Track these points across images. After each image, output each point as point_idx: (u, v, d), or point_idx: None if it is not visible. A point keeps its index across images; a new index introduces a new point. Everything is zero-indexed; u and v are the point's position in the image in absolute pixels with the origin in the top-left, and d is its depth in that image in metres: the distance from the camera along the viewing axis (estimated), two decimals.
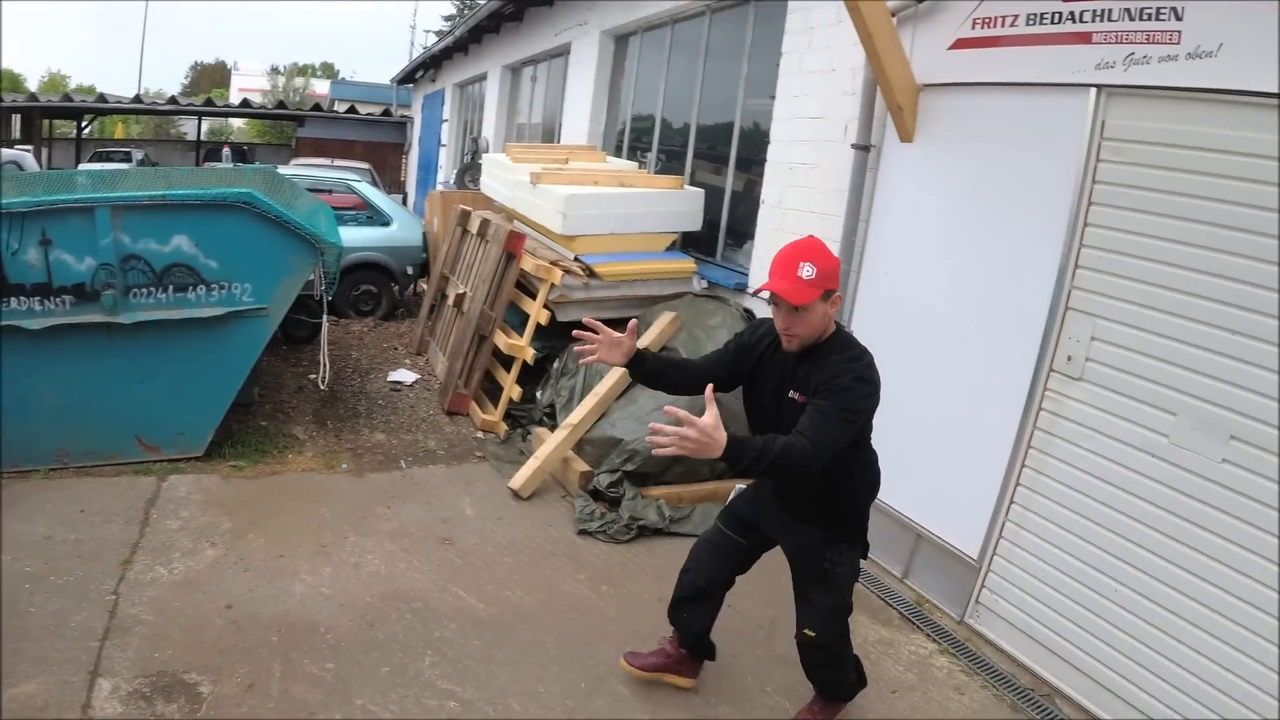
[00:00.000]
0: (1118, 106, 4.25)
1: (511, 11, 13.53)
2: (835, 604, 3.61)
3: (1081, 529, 4.33)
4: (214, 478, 5.82)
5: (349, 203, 11.74)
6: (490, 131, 16.39)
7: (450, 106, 21.10)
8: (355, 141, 27.73)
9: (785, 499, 3.59)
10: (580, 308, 7.15)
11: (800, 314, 3.18)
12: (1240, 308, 3.70)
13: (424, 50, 24.23)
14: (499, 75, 16.07)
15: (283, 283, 5.97)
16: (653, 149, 9.76)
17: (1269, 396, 3.59)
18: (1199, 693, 3.79)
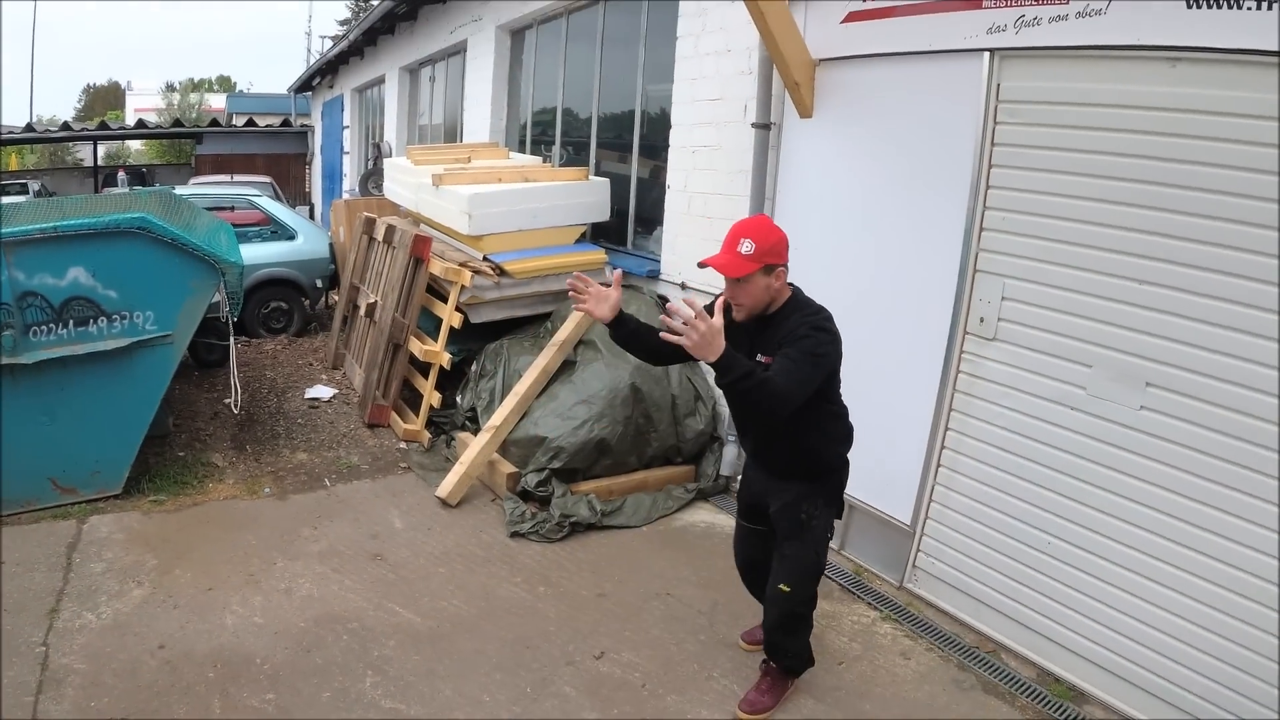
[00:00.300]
0: (1011, 69, 4.31)
1: (405, 11, 13.34)
2: (809, 559, 3.73)
3: (1009, 486, 4.40)
4: (135, 514, 5.65)
5: (251, 219, 11.52)
6: (392, 135, 16.16)
7: (350, 112, 20.74)
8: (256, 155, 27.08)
9: (764, 458, 3.78)
10: (493, 307, 7.08)
11: (741, 285, 3.42)
12: (1146, 257, 3.79)
13: (320, 56, 23.79)
14: (397, 77, 15.84)
15: (185, 307, 5.79)
16: (556, 142, 9.70)
17: (1182, 341, 3.68)
18: (1138, 633, 3.89)
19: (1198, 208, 3.60)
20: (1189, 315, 3.65)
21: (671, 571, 5.14)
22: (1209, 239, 3.57)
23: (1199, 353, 3.63)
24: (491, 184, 7.51)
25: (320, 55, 23.62)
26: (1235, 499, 3.55)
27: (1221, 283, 3.54)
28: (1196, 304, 3.63)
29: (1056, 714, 3.97)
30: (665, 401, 6.15)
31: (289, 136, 28.14)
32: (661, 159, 7.22)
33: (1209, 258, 3.58)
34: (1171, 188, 3.69)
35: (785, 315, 3.48)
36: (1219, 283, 3.55)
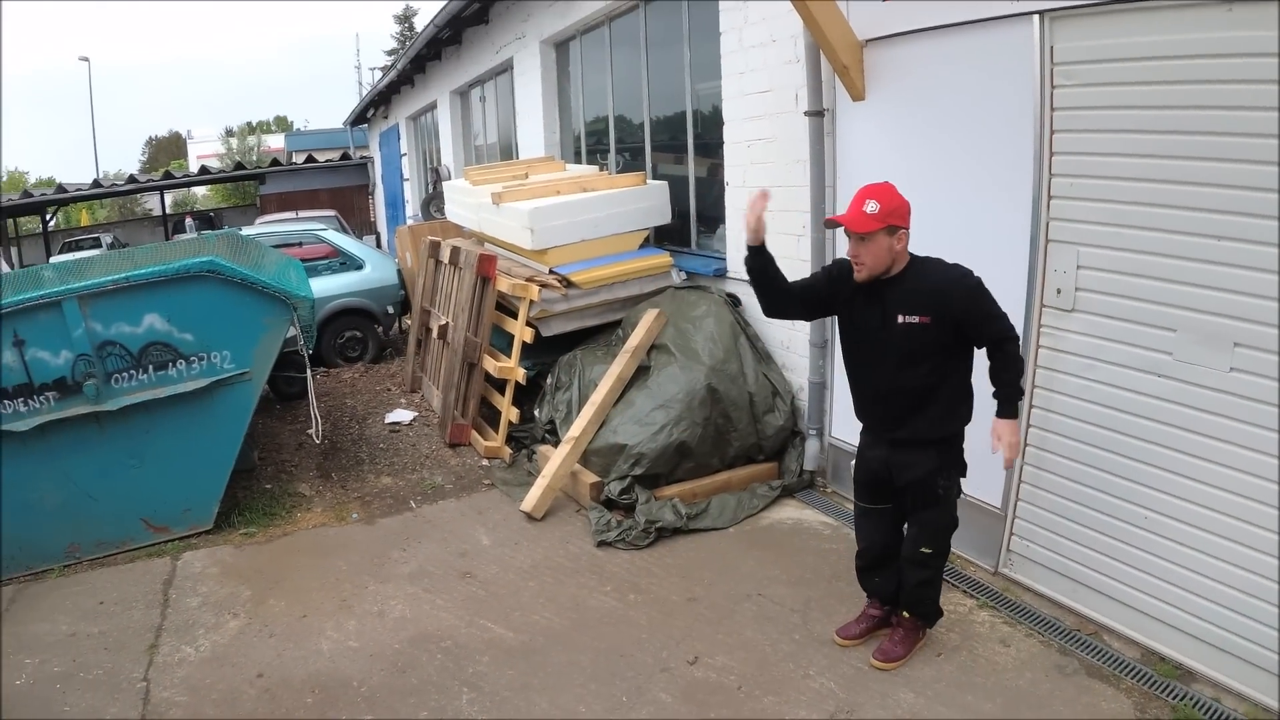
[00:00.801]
0: (1063, 29, 4.19)
1: (449, 36, 13.46)
2: (947, 521, 4.04)
3: (1099, 460, 4.27)
4: (227, 548, 5.77)
5: (320, 252, 11.73)
6: (449, 158, 16.32)
7: (406, 140, 21.02)
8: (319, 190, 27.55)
9: (907, 426, 3.91)
10: (563, 319, 7.12)
11: (865, 242, 3.69)
12: (1224, 212, 3.64)
13: (371, 88, 24.15)
14: (448, 101, 16.00)
15: (261, 344, 5.92)
16: (611, 150, 9.70)
17: (1268, 297, 3.52)
18: (1243, 606, 3.72)
19: (1266, 155, 3.46)
20: (1272, 269, 3.49)
21: (761, 571, 5.10)
22: None
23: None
24: (550, 197, 7.54)
25: (371, 87, 23.97)
26: None
27: None
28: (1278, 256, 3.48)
29: (1164, 694, 3.83)
30: (743, 400, 6.11)
31: (349, 169, 28.57)
32: (718, 156, 7.17)
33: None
34: (1239, 136, 3.55)
35: (920, 275, 3.77)
36: None
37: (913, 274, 3.77)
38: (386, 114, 23.36)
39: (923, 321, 3.72)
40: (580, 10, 9.37)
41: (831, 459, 6.15)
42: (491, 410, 7.50)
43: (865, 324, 3.87)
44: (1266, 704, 3.65)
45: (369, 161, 27.94)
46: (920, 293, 3.73)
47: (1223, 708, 3.72)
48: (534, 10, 10.57)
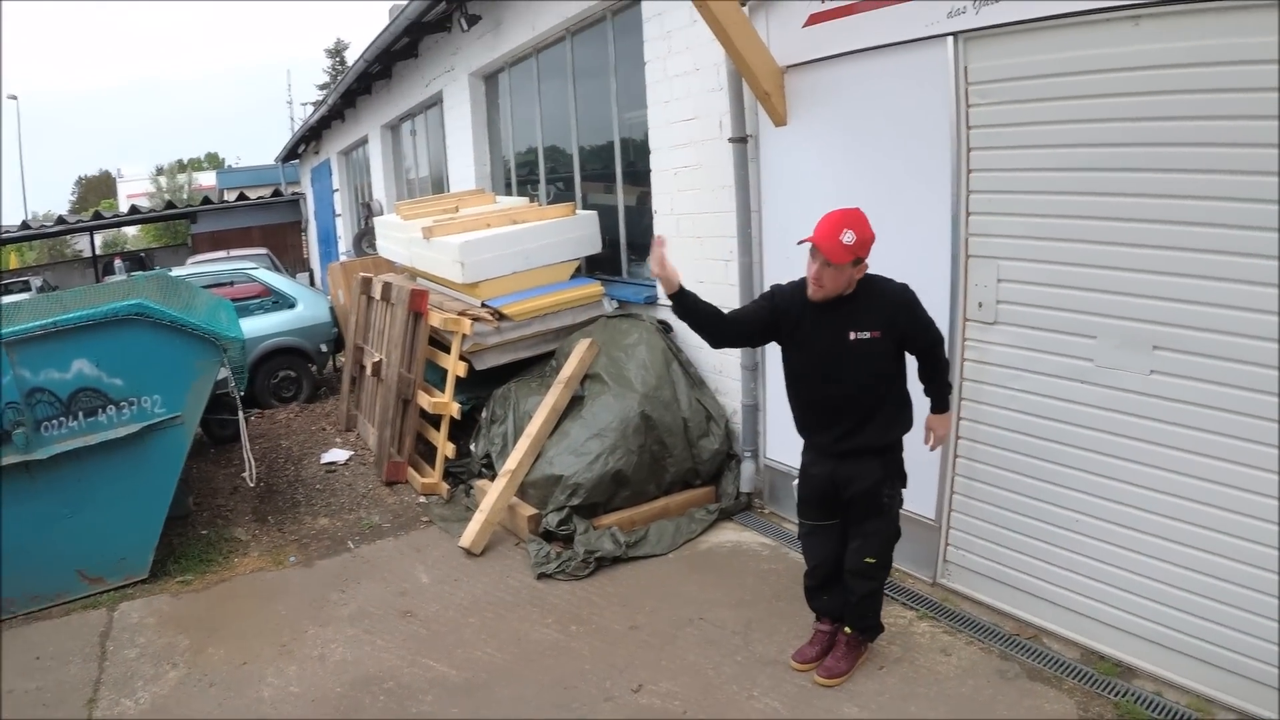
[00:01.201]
0: (976, 50, 4.32)
1: (379, 70, 13.44)
2: (890, 531, 4.14)
3: (1029, 468, 4.37)
4: (164, 597, 5.64)
5: (251, 291, 11.61)
6: (381, 193, 16.25)
7: (338, 175, 20.90)
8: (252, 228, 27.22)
9: (851, 440, 4.00)
10: (496, 352, 7.10)
11: (832, 270, 3.76)
12: (1136, 220, 3.78)
13: (302, 124, 23.98)
14: (379, 135, 15.96)
15: (192, 387, 5.83)
16: (541, 181, 9.73)
17: (1183, 300, 3.66)
18: (1176, 600, 3.84)
19: (1178, 163, 3.60)
20: (1187, 273, 3.63)
21: (702, 595, 5.10)
22: (1195, 193, 3.56)
23: (1202, 309, 3.61)
24: (481, 230, 7.54)
25: (303, 122, 23.80)
26: (1257, 452, 3.51)
27: (1215, 235, 3.53)
28: (1193, 260, 3.61)
29: (1106, 692, 3.91)
30: (677, 426, 6.13)
31: (281, 206, 28.30)
32: (646, 184, 7.23)
33: (1198, 212, 3.56)
34: (1149, 146, 3.69)
35: (868, 293, 3.90)
36: (1213, 236, 3.53)
37: (863, 291, 3.90)
38: (318, 149, 23.21)
39: (874, 336, 3.86)
40: (507, 43, 9.41)
41: (768, 480, 6.19)
42: (428, 446, 7.44)
43: (816, 343, 3.95)
44: (1208, 695, 3.77)
45: (301, 198, 27.71)
46: (870, 309, 3.88)
47: (1165, 701, 3.81)
48: (462, 43, 10.60)
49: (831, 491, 4.09)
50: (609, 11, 7.67)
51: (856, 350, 3.87)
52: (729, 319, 4.08)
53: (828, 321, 3.90)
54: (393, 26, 10.81)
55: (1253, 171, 3.38)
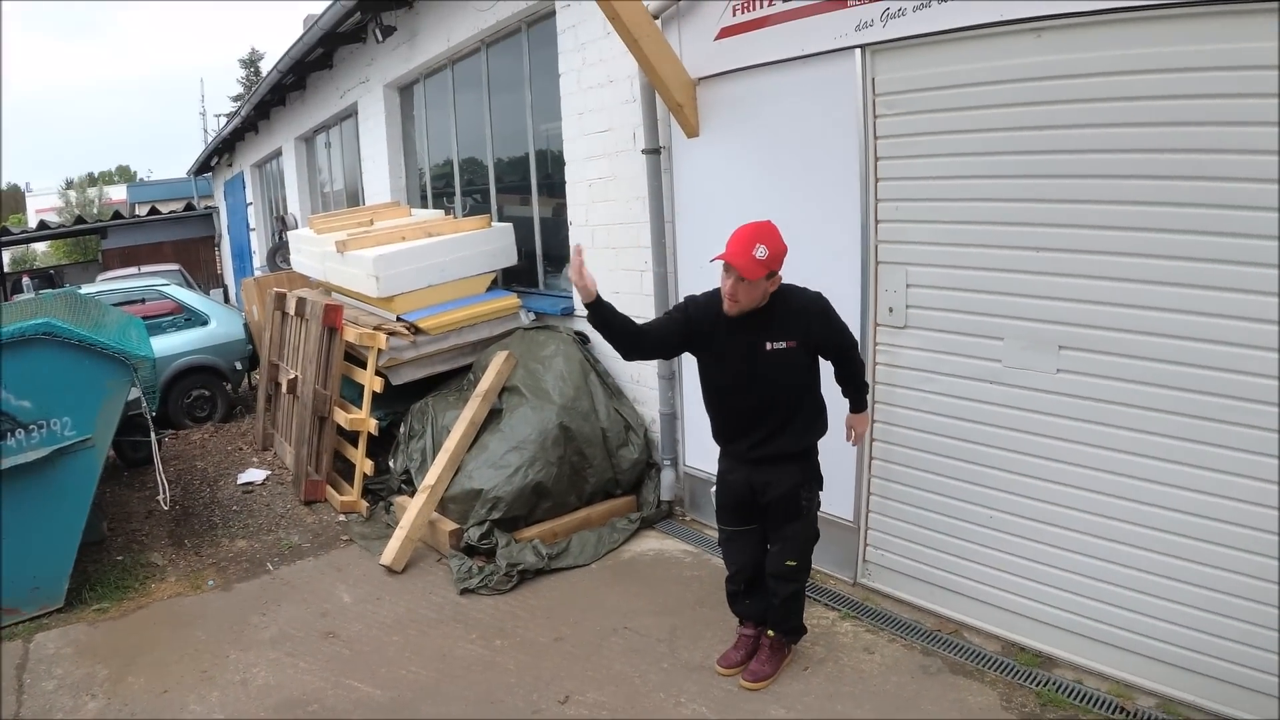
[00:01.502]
0: (884, 62, 4.42)
1: (293, 82, 13.27)
2: (809, 534, 4.18)
3: (942, 467, 4.48)
4: (80, 626, 5.47)
5: (163, 309, 11.35)
6: (295, 206, 16.02)
7: (252, 188, 20.56)
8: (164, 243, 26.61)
9: (769, 445, 4.03)
10: (413, 367, 7.04)
11: (746, 285, 3.76)
12: (1040, 224, 3.91)
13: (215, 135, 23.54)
14: (293, 148, 15.74)
15: (103, 408, 5.66)
16: (457, 193, 9.69)
17: (1086, 300, 3.80)
18: (1091, 590, 3.98)
19: (1078, 169, 3.73)
20: (1089, 274, 3.77)
21: (626, 604, 5.12)
22: (1094, 197, 3.70)
23: (1103, 309, 3.75)
24: (396, 243, 7.47)
25: (215, 134, 23.37)
26: (1159, 444, 3.67)
27: (1113, 237, 3.67)
28: (1093, 261, 3.75)
29: (1027, 682, 4.03)
30: (596, 436, 6.15)
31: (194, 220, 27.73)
32: (562, 196, 7.24)
33: (1097, 215, 3.71)
34: (1048, 154, 3.82)
35: (784, 303, 3.93)
36: (1111, 238, 3.68)
37: (778, 302, 3.92)
38: (231, 162, 22.81)
39: (789, 346, 3.90)
40: (423, 53, 9.37)
41: (688, 487, 6.23)
42: (346, 464, 7.34)
43: (732, 354, 3.96)
44: (1128, 680, 3.91)
45: (214, 212, 27.21)
46: (785, 319, 3.91)
47: (1086, 688, 3.94)
48: (378, 54, 10.52)
49: (749, 497, 4.13)
50: (524, 23, 7.67)
51: (771, 360, 3.90)
52: (643, 331, 4.07)
53: (742, 332, 3.92)
54: (307, 37, 10.67)
55: (1150, 176, 3.53)
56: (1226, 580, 3.55)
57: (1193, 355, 3.53)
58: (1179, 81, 3.40)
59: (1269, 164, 3.23)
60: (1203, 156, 3.39)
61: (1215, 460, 3.53)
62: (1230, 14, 3.25)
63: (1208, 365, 3.49)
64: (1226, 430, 3.48)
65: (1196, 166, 3.41)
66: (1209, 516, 3.57)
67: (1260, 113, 3.22)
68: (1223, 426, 3.49)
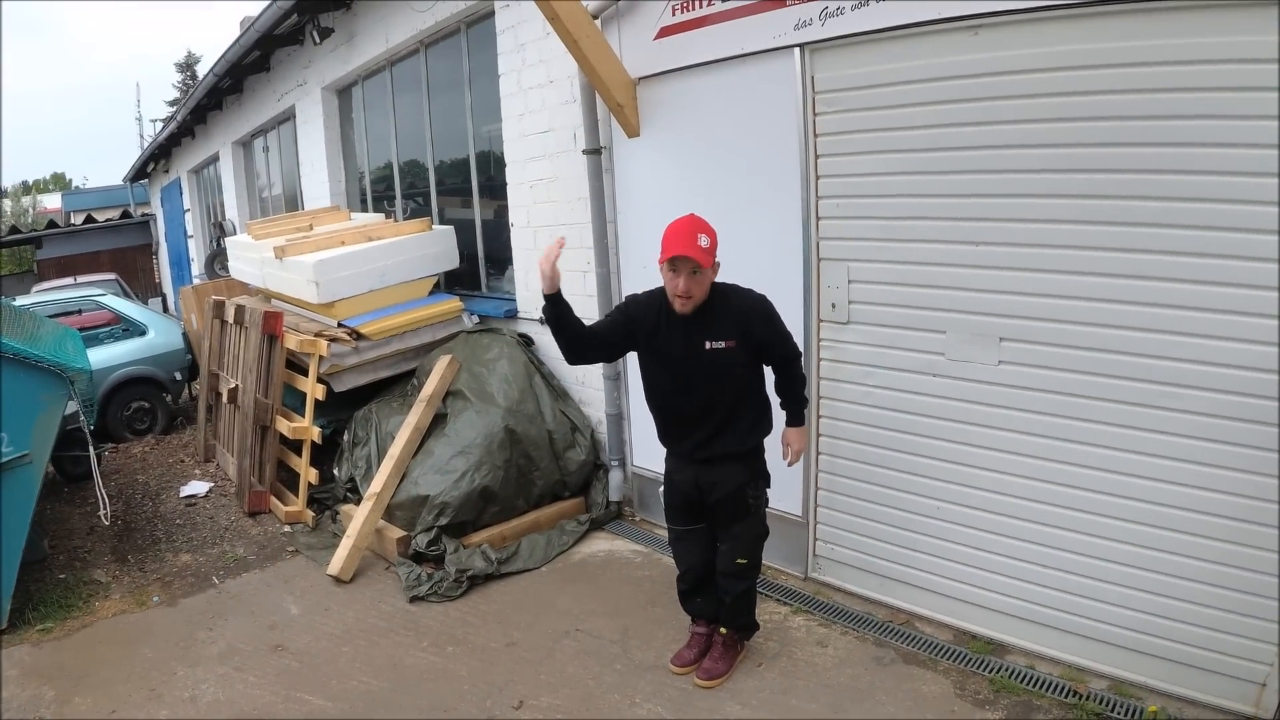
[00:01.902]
0: (822, 60, 4.45)
1: (230, 85, 13.07)
2: (758, 531, 4.20)
3: (889, 460, 4.53)
4: (24, 647, 5.34)
5: (100, 319, 11.13)
6: (234, 212, 15.77)
7: (189, 194, 20.21)
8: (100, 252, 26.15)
9: (714, 445, 4.03)
10: (355, 373, 6.97)
11: (699, 276, 3.77)
12: (977, 219, 3.96)
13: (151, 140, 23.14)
14: (230, 152, 15.49)
15: (39, 422, 5.54)
16: (398, 196, 9.60)
17: (1025, 293, 3.86)
18: (1040, 577, 4.05)
19: (1014, 164, 3.79)
20: (1028, 267, 3.82)
21: (578, 607, 5.11)
22: (1029, 191, 3.76)
23: (1042, 300, 3.81)
24: (336, 249, 7.39)
25: (151, 140, 22.98)
26: (1100, 431, 3.74)
27: (1048, 230, 3.73)
28: (1031, 254, 3.80)
29: (980, 669, 4.08)
30: (542, 439, 6.13)
31: (131, 228, 27.26)
32: (503, 198, 7.20)
33: (1032, 209, 3.77)
34: (987, 149, 3.86)
35: (723, 302, 3.91)
36: (1046, 231, 3.74)
37: (718, 300, 3.90)
38: (168, 168, 22.44)
39: (729, 346, 3.87)
40: (361, 54, 9.27)
41: (636, 488, 6.24)
42: (290, 473, 7.25)
43: (671, 353, 3.94)
44: (1079, 664, 3.98)
45: (151, 219, 26.76)
46: (725, 318, 3.88)
47: (1038, 673, 4.00)
48: (315, 56, 10.40)
49: (696, 496, 4.12)
50: (463, 24, 7.62)
51: (712, 359, 3.89)
52: (590, 332, 4.04)
53: (684, 331, 3.90)
54: (243, 39, 10.49)
55: (1082, 170, 3.59)
56: (1170, 562, 3.64)
57: (1131, 344, 3.60)
58: (1111, 77, 3.46)
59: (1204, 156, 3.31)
60: (1137, 150, 3.46)
61: (1155, 446, 3.61)
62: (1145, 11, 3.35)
63: (1146, 354, 3.57)
64: (1165, 416, 3.56)
65: (1132, 160, 3.47)
66: (1150, 501, 3.65)
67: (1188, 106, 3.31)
68: (1161, 413, 3.57)
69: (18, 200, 56.67)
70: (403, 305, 7.35)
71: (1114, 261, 3.57)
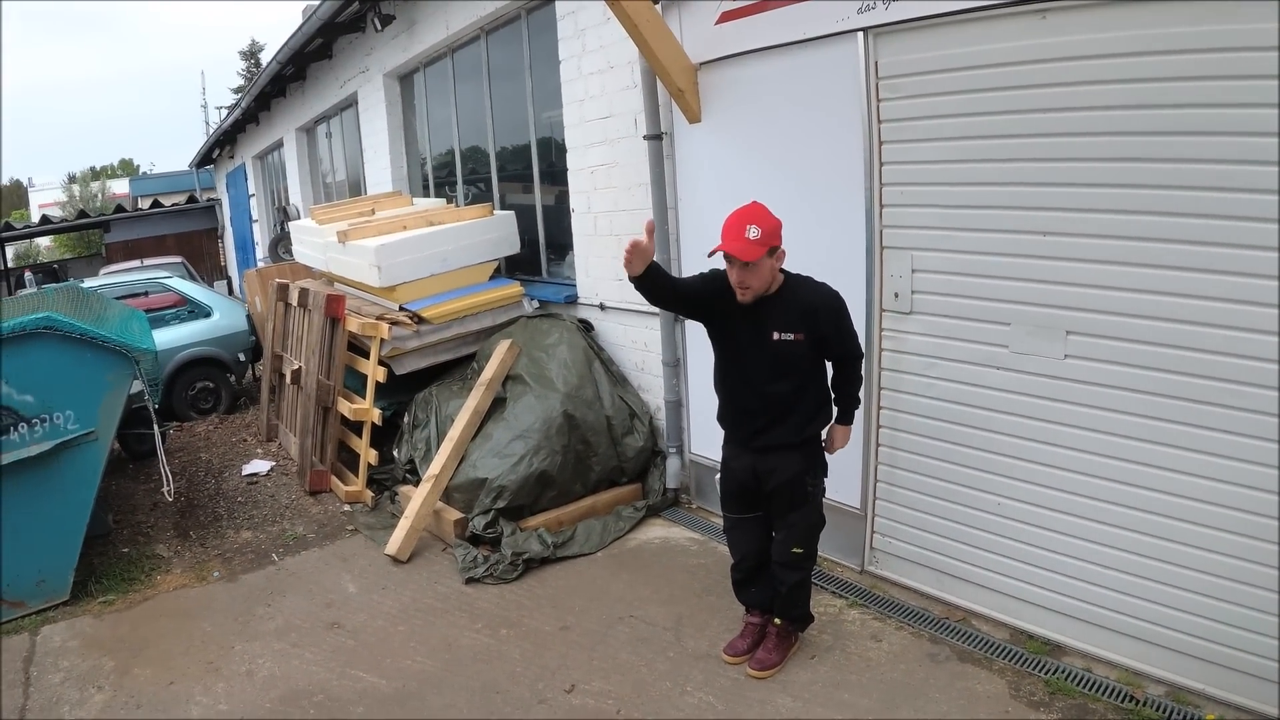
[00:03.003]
0: (887, 45, 4.36)
1: (292, 72, 13.24)
2: (814, 520, 4.16)
3: (950, 454, 4.44)
4: (86, 619, 5.48)
5: (166, 301, 11.31)
6: (297, 197, 16.00)
7: (254, 180, 20.54)
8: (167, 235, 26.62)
9: (772, 433, 4.01)
10: (416, 356, 7.03)
11: (751, 269, 3.74)
12: (1045, 209, 3.86)
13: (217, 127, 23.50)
14: (294, 138, 15.71)
15: (105, 401, 5.66)
16: (459, 182, 9.66)
17: (1094, 285, 3.75)
18: (1100, 577, 3.95)
19: (1083, 152, 3.68)
20: (1096, 259, 3.72)
21: (631, 593, 5.11)
22: (1100, 181, 3.65)
23: (1111, 294, 3.70)
24: (397, 233, 7.46)
25: (217, 127, 23.34)
26: (1169, 430, 3.62)
27: (1120, 221, 3.62)
28: (1101, 246, 3.69)
29: (1036, 670, 4.00)
30: (601, 424, 6.14)
31: (197, 213, 27.74)
32: (564, 184, 7.20)
33: (1103, 199, 3.65)
34: (1056, 136, 3.76)
35: (794, 293, 3.90)
36: (1118, 222, 3.62)
37: (789, 292, 3.89)
38: (233, 154, 22.79)
39: (797, 338, 3.86)
40: (422, 42, 9.32)
41: (693, 475, 6.21)
42: (350, 454, 7.34)
43: (741, 339, 3.95)
44: (1137, 668, 3.88)
45: (217, 204, 27.21)
46: (795, 310, 3.87)
47: (1095, 676, 3.91)
48: (376, 44, 10.48)
49: (753, 484, 4.10)
50: (523, 10, 7.63)
51: (777, 350, 3.88)
52: (680, 285, 4.18)
53: (753, 320, 3.89)
54: (305, 27, 10.64)
55: (1156, 159, 3.48)
56: (1234, 567, 3.53)
57: (1200, 340, 3.49)
58: (1187, 63, 3.35)
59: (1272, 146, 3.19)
60: (1213, 139, 3.34)
61: (1222, 446, 3.49)
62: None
63: (1216, 350, 3.46)
64: (1232, 415, 3.45)
65: (1206, 149, 3.36)
66: (1217, 503, 3.53)
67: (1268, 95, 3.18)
68: (1229, 412, 3.46)
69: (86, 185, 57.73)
70: (463, 290, 7.38)
71: (1186, 255, 3.46)
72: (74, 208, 43.35)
